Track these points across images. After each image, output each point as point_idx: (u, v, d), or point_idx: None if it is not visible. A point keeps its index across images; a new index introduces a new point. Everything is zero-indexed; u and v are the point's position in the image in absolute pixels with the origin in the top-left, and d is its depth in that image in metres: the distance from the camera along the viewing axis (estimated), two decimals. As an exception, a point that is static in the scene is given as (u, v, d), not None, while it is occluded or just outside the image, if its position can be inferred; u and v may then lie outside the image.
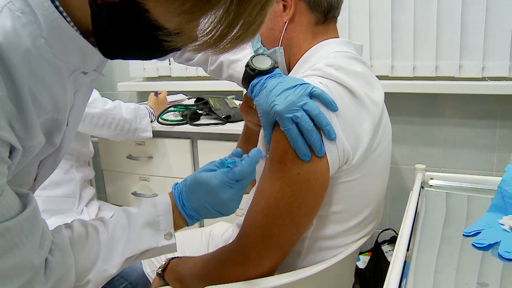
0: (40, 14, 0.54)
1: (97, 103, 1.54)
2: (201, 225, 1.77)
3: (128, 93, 2.33)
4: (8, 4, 0.53)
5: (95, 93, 1.55)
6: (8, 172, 0.54)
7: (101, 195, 2.36)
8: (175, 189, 0.77)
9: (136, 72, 2.26)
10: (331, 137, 0.74)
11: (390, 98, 1.75)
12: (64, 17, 0.56)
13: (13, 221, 0.53)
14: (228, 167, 0.73)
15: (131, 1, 0.50)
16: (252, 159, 0.73)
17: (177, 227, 0.75)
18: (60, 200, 1.55)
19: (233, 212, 0.76)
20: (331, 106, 0.75)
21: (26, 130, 0.55)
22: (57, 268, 0.62)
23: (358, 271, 1.72)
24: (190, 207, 0.75)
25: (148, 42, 0.54)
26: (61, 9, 0.56)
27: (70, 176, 1.57)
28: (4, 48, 0.50)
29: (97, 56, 0.63)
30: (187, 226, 0.77)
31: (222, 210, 0.74)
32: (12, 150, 0.54)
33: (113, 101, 1.60)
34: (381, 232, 1.87)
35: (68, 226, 0.69)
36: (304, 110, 0.73)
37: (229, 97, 1.89)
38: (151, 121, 1.76)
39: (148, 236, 0.72)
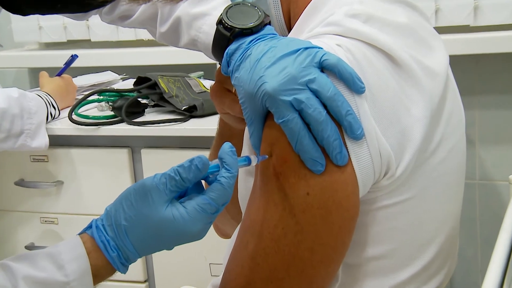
0: None
1: None
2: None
3: (11, 71, 2.32)
4: None
5: None
6: None
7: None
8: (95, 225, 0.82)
9: (25, 34, 2.25)
10: (356, 134, 0.78)
11: (469, 64, 1.80)
12: None
13: None
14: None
15: None
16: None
17: (101, 278, 0.80)
18: None
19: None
20: (353, 84, 0.79)
21: None
22: None
23: None
24: (130, 246, 0.80)
25: None
26: None
27: None
28: None
29: None
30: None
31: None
32: None
33: None
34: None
35: None
36: (311, 90, 0.78)
37: (192, 75, 1.93)
38: (53, 118, 1.80)
39: None
